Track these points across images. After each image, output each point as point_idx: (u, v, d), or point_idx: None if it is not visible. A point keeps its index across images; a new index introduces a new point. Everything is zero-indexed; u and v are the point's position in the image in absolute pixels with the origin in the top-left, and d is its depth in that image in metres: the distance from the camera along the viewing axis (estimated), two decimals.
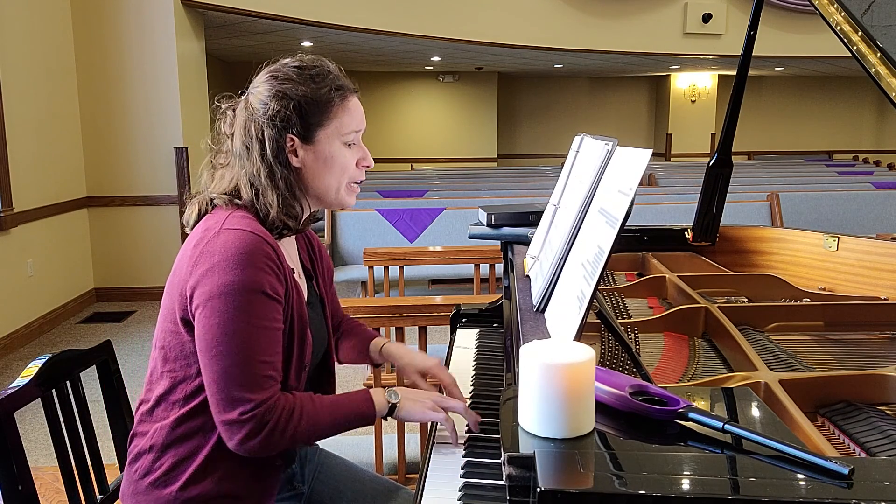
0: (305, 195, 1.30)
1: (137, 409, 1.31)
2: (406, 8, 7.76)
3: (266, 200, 1.24)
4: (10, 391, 1.28)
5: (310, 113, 1.25)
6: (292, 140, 1.25)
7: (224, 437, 1.17)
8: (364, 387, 1.55)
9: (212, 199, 1.28)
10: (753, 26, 1.86)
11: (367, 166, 1.34)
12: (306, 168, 1.28)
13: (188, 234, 1.28)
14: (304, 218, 1.33)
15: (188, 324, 1.19)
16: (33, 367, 1.35)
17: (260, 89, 1.27)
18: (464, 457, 1.22)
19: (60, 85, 5.33)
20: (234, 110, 1.30)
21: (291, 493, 1.40)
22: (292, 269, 1.29)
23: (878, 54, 1.39)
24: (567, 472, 0.77)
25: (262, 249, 1.18)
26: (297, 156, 1.27)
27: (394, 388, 1.30)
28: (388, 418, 1.30)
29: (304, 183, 1.29)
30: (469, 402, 1.47)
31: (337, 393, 1.49)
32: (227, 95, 1.33)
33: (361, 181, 1.35)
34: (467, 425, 1.29)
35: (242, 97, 1.30)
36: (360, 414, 1.26)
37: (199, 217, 1.29)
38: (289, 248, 1.36)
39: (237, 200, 1.26)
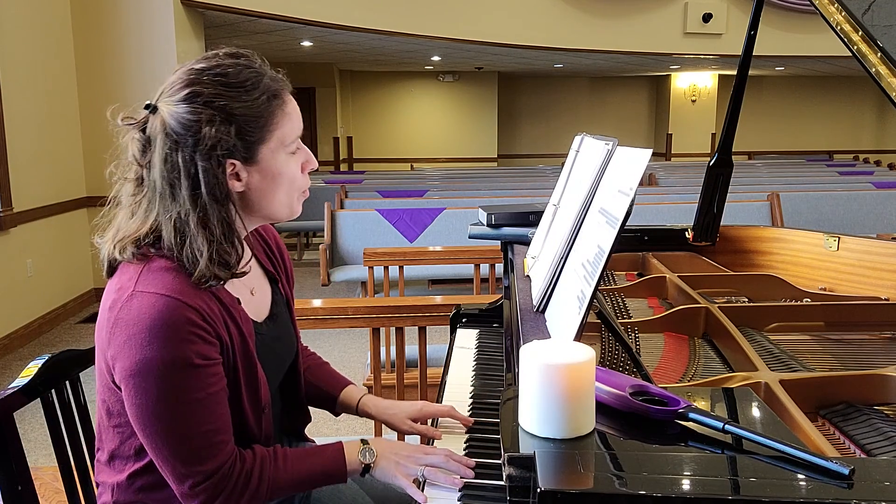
0: (252, 218, 1.17)
1: (96, 451, 1.24)
2: (406, 8, 7.76)
3: (194, 249, 1.07)
4: (9, 391, 1.27)
5: (250, 131, 1.09)
6: (233, 164, 1.09)
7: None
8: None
9: (122, 245, 1.10)
10: (754, 26, 1.86)
11: (313, 168, 1.20)
12: (251, 190, 1.13)
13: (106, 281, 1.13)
14: (240, 261, 1.13)
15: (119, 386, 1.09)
16: (33, 368, 1.35)
17: (179, 110, 1.06)
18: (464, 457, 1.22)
19: (60, 85, 5.33)
20: (143, 130, 1.10)
21: (287, 497, 1.38)
22: (237, 298, 1.17)
23: (879, 54, 1.39)
24: (567, 472, 0.77)
25: (183, 316, 1.03)
26: (239, 180, 1.11)
27: (370, 444, 1.21)
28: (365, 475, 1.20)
29: (251, 206, 1.15)
30: (469, 402, 1.46)
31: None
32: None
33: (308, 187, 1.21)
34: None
35: (151, 112, 1.10)
36: (327, 475, 1.18)
37: (112, 264, 1.12)
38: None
39: (151, 250, 1.09)
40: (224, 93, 1.08)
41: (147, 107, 1.11)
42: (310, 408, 1.46)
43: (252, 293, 1.25)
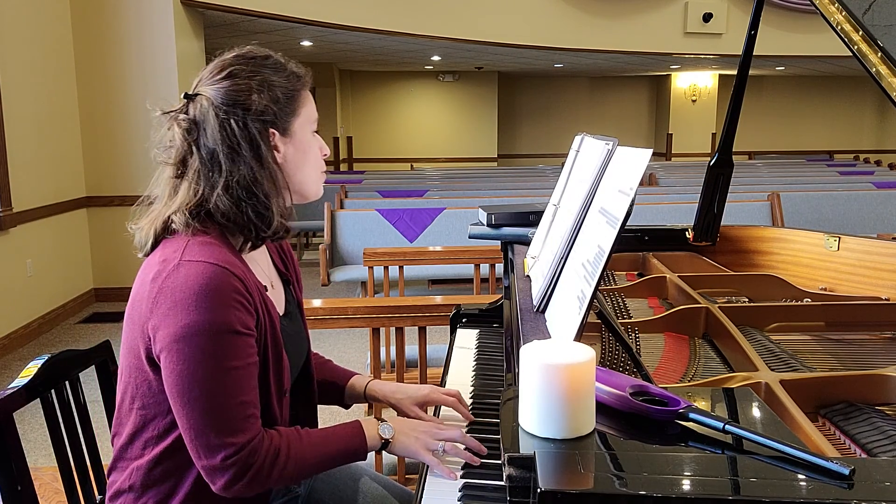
0: (289, 192, 1.24)
1: (112, 440, 1.25)
2: (406, 8, 7.76)
3: (258, 206, 1.15)
4: (9, 391, 1.28)
5: (286, 101, 1.20)
6: (273, 134, 1.19)
7: (207, 481, 1.11)
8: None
9: (168, 220, 1.15)
10: (754, 26, 1.86)
11: (326, 154, 1.30)
12: (288, 162, 1.22)
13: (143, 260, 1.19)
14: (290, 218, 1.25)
15: (153, 362, 1.12)
16: (32, 368, 1.35)
17: (224, 85, 1.16)
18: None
19: (60, 85, 5.33)
20: (184, 113, 1.18)
21: (286, 498, 1.36)
22: (265, 286, 1.22)
23: (879, 54, 1.39)
24: (567, 472, 0.77)
25: (229, 283, 1.08)
26: (278, 151, 1.20)
27: (387, 421, 1.24)
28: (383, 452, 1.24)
29: (287, 179, 1.23)
30: (469, 402, 1.46)
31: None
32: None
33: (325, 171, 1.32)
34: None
35: (190, 101, 1.18)
36: (350, 451, 1.21)
37: (156, 241, 1.17)
38: (260, 259, 1.29)
39: (197, 223, 1.14)
40: (260, 70, 1.19)
41: (186, 96, 1.19)
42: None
43: (272, 286, 1.30)
